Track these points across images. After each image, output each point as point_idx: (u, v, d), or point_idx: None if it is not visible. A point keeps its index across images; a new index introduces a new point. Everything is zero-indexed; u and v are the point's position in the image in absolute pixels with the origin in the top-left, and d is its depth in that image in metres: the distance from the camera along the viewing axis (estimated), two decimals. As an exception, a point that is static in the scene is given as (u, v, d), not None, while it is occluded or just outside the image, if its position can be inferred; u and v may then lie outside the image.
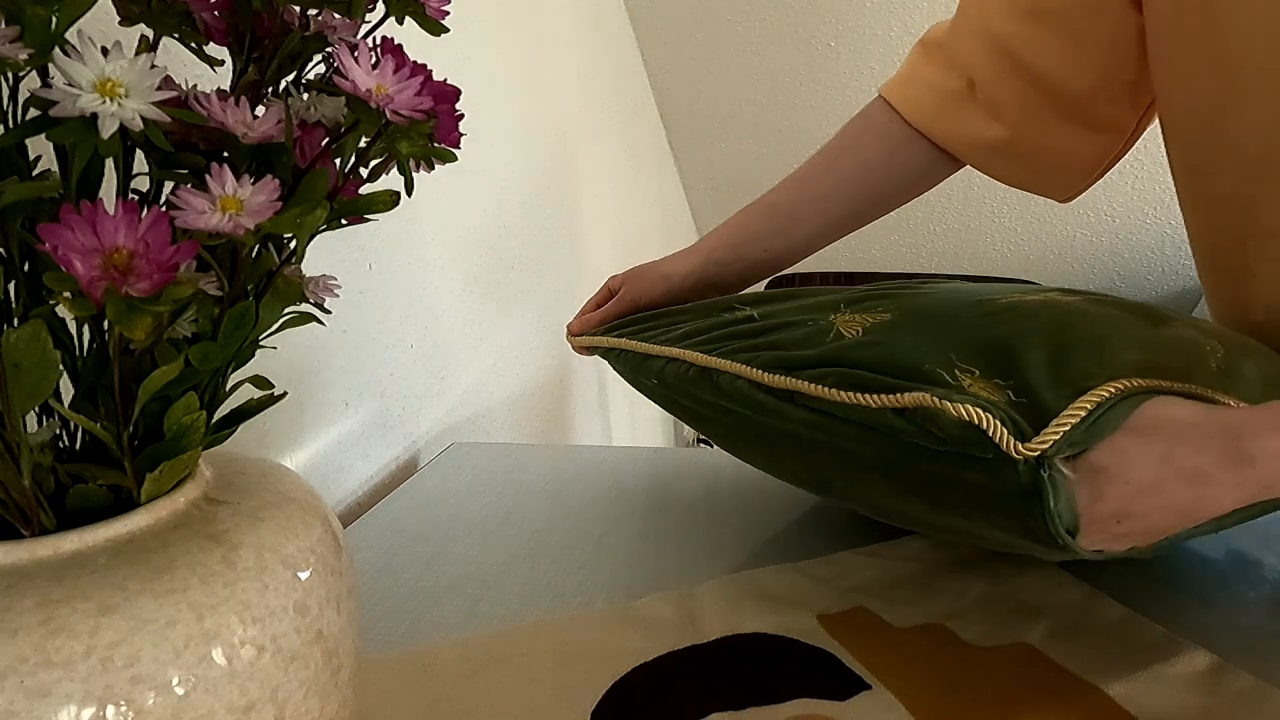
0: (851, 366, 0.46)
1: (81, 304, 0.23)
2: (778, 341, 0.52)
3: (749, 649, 0.49)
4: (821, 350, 0.49)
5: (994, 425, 0.39)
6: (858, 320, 0.50)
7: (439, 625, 0.55)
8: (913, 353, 0.45)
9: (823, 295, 0.58)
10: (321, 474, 0.74)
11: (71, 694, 0.24)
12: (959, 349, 0.45)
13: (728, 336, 0.56)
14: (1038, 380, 0.41)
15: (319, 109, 0.31)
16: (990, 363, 0.43)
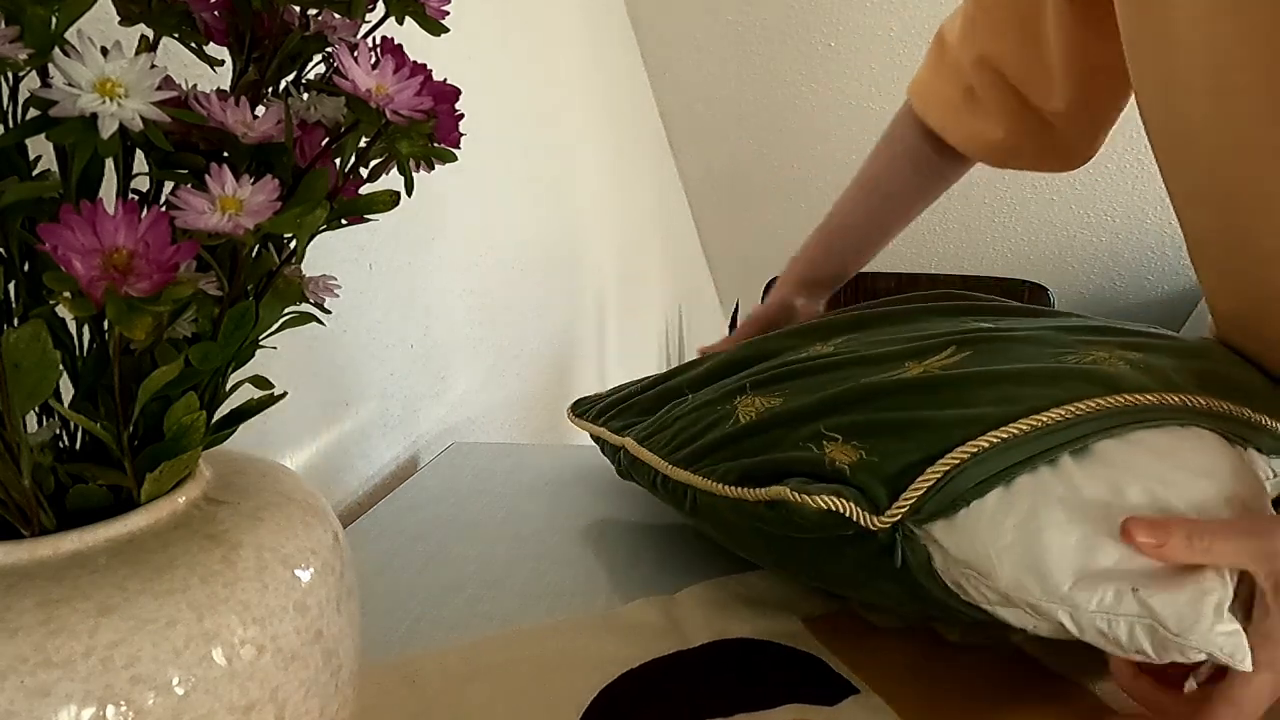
0: (736, 454, 0.51)
1: (81, 304, 0.23)
2: (690, 431, 0.57)
3: (735, 654, 0.49)
4: (717, 436, 0.53)
5: (848, 507, 0.42)
6: (755, 405, 0.54)
7: (439, 625, 0.55)
8: (787, 433, 0.49)
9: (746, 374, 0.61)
10: (321, 474, 0.74)
11: (71, 694, 0.24)
12: (830, 420, 0.48)
13: (660, 423, 0.61)
14: (890, 447, 0.44)
15: (319, 109, 0.31)
16: (852, 428, 0.47)
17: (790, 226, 2.39)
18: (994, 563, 0.40)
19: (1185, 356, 0.51)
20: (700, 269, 2.72)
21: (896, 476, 0.43)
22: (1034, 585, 0.39)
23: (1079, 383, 0.46)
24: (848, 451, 0.45)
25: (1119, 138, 2.07)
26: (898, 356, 0.54)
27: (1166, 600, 0.36)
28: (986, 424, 0.43)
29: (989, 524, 0.41)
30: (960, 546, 0.41)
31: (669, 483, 0.55)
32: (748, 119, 2.10)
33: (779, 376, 0.57)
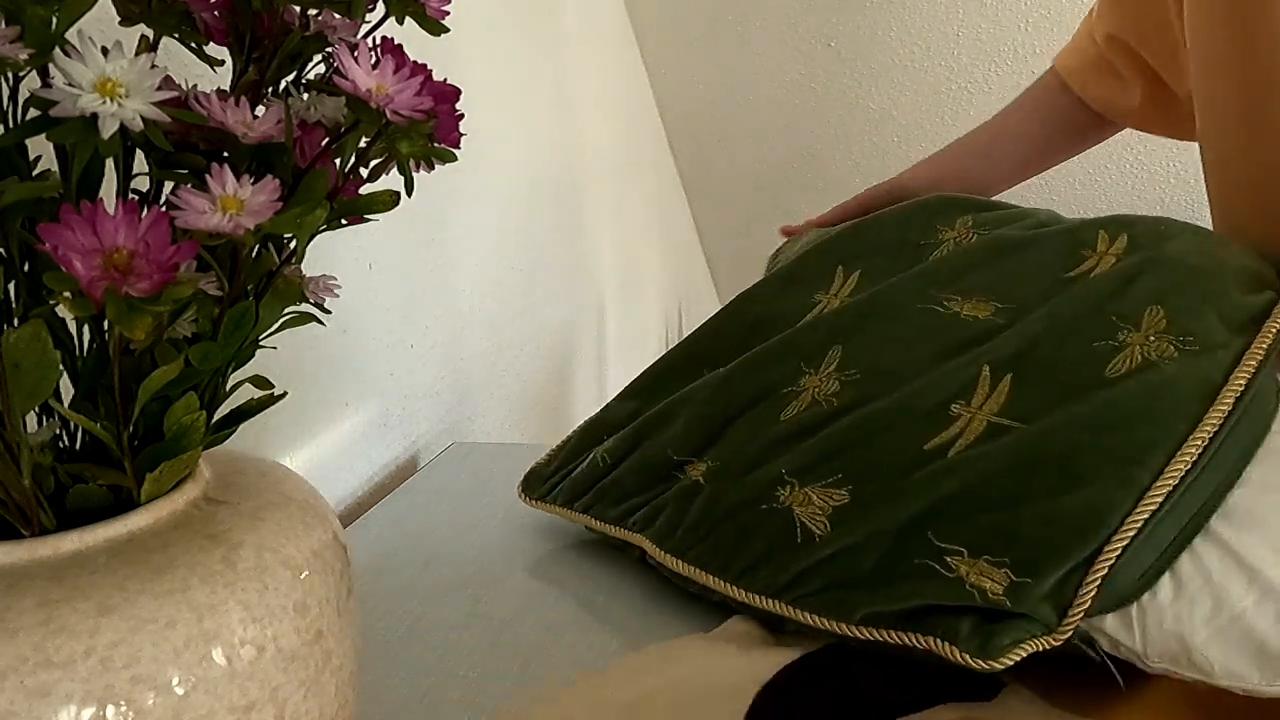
0: (838, 580, 0.45)
1: (81, 304, 0.23)
2: (745, 545, 0.50)
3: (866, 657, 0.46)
4: (792, 557, 0.47)
5: (1033, 644, 0.39)
6: (815, 503, 0.48)
7: (439, 625, 0.55)
8: (893, 550, 0.44)
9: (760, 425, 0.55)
10: (321, 474, 0.74)
11: (71, 694, 0.24)
12: (934, 526, 0.44)
13: (691, 528, 0.53)
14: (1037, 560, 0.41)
15: (319, 109, 0.31)
16: (976, 540, 0.43)
17: (790, 226, 2.38)
18: (1199, 662, 0.38)
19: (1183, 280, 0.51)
20: (700, 269, 2.72)
21: (1058, 589, 0.40)
22: (1252, 675, 0.38)
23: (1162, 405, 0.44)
24: (990, 574, 0.41)
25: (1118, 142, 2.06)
26: (934, 400, 0.49)
27: None
28: (1120, 506, 0.41)
29: (1175, 624, 0.39)
30: (1148, 644, 0.40)
31: (748, 607, 0.49)
32: (748, 119, 2.10)
33: (816, 456, 0.50)
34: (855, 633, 0.44)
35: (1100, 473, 0.42)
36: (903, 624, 0.42)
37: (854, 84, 1.98)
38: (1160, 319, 0.48)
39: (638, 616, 0.55)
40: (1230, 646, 0.38)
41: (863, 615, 0.44)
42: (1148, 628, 0.40)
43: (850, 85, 1.98)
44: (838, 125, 2.09)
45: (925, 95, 1.98)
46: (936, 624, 0.41)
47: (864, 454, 0.49)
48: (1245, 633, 0.38)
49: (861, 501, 0.47)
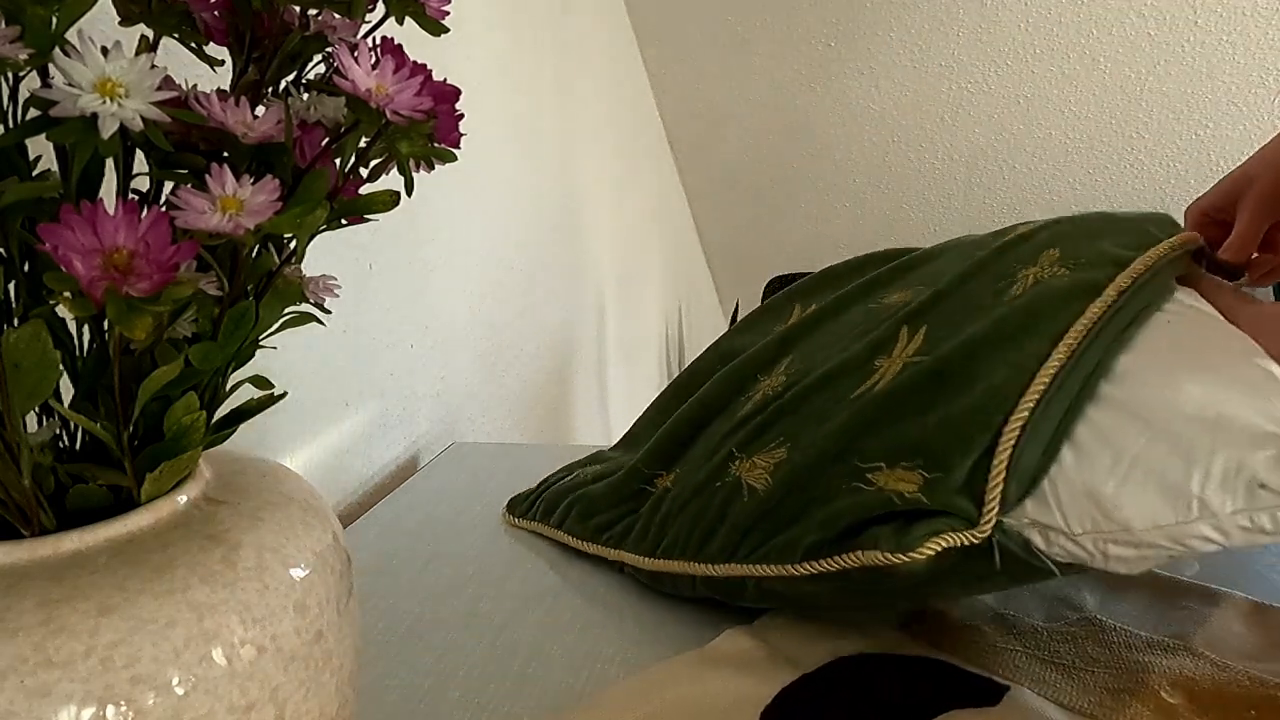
0: (778, 527, 0.48)
1: (81, 304, 0.23)
2: (704, 521, 0.52)
3: (864, 672, 0.47)
4: (742, 515, 0.50)
5: (954, 538, 0.41)
6: (759, 465, 0.51)
7: (439, 625, 0.55)
8: (825, 485, 0.46)
9: (718, 428, 0.58)
10: (321, 474, 0.74)
11: (71, 694, 0.24)
12: (858, 453, 0.46)
13: (659, 526, 0.56)
14: (944, 456, 0.42)
15: (319, 109, 0.31)
16: (892, 451, 0.45)
17: (790, 226, 2.39)
18: (1114, 513, 0.39)
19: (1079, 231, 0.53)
20: (700, 269, 2.72)
21: (969, 480, 0.42)
22: (1166, 514, 0.39)
23: (1049, 309, 0.46)
24: (905, 477, 0.43)
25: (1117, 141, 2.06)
26: (860, 359, 0.53)
27: None
28: (1012, 393, 0.43)
29: (1083, 482, 0.40)
30: (1066, 514, 0.41)
31: (717, 581, 0.51)
32: (748, 119, 2.10)
33: (760, 428, 0.54)
34: (802, 569, 0.45)
35: (994, 371, 0.45)
36: (837, 548, 0.44)
37: (854, 84, 1.98)
38: (1055, 255, 0.51)
39: (638, 616, 0.55)
40: (1136, 489, 0.39)
41: (804, 550, 0.45)
42: (1061, 499, 0.41)
43: (850, 85, 1.98)
44: (838, 125, 2.10)
45: (925, 95, 1.98)
46: (864, 539, 0.43)
47: (800, 414, 0.52)
48: (1146, 472, 0.39)
49: (796, 451, 0.50)
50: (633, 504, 0.60)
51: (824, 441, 0.48)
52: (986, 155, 2.11)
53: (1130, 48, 1.77)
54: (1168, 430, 0.40)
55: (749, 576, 0.48)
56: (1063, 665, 0.46)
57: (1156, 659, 0.47)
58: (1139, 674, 0.45)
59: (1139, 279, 0.47)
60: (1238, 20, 1.70)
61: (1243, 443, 0.39)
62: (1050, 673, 0.46)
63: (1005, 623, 0.51)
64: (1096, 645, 0.48)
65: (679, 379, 0.73)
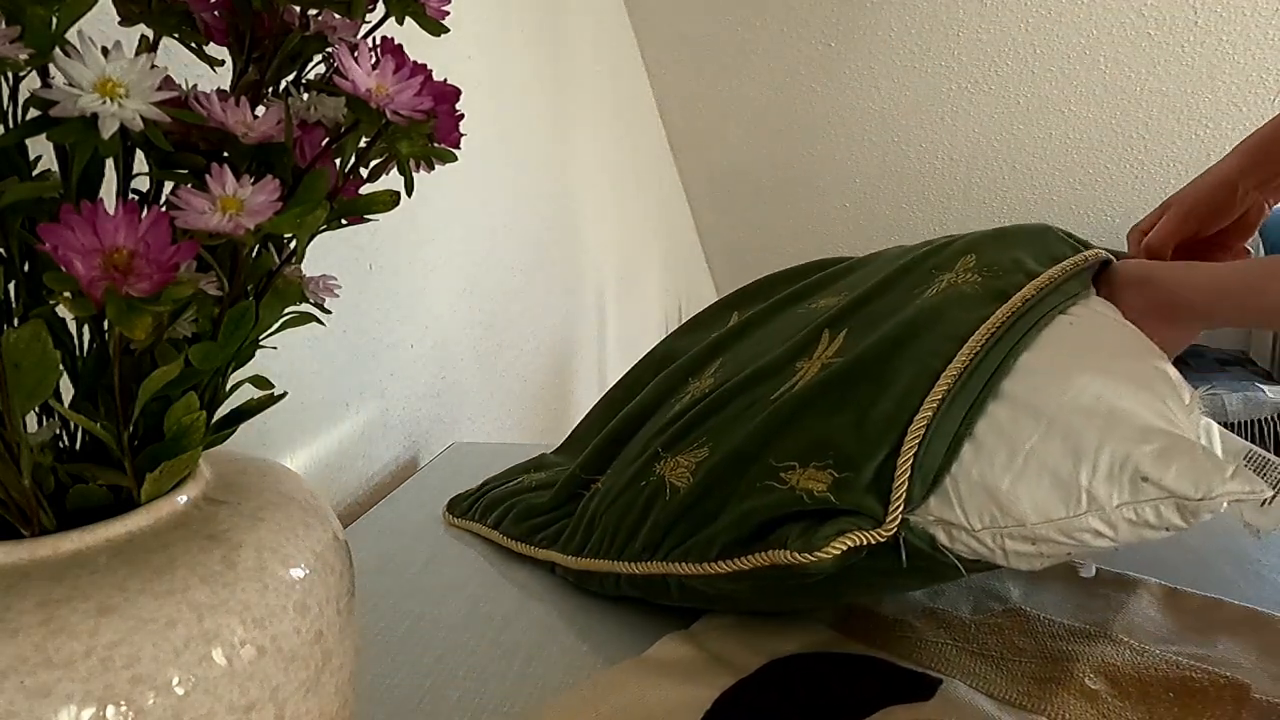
0: (697, 525, 0.48)
1: (81, 304, 0.23)
2: (629, 519, 0.53)
3: (800, 673, 0.47)
4: (664, 514, 0.50)
5: (860, 537, 0.41)
6: (682, 465, 0.51)
7: (439, 625, 0.55)
8: (742, 484, 0.47)
9: (647, 430, 0.60)
10: (321, 474, 0.74)
11: (71, 694, 0.24)
12: (773, 452, 0.47)
13: (587, 525, 0.56)
14: (853, 456, 0.43)
15: (319, 109, 0.31)
16: (805, 451, 0.45)
17: (789, 226, 2.39)
18: (1010, 507, 0.40)
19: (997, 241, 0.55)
20: (700, 268, 2.72)
21: (876, 480, 0.42)
22: (1058, 507, 0.40)
23: (958, 313, 0.48)
24: (816, 476, 0.44)
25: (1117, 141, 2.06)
26: (782, 362, 0.54)
27: (1175, 475, 0.38)
28: (918, 392, 0.44)
29: (980, 478, 0.41)
30: (966, 510, 0.41)
31: (639, 579, 0.51)
32: (747, 119, 2.10)
33: (685, 429, 0.54)
34: (716, 568, 0.45)
35: (902, 372, 0.46)
36: (749, 547, 0.44)
37: (854, 84, 1.98)
38: (971, 261, 0.53)
39: (638, 616, 0.55)
40: (1031, 483, 0.40)
41: (719, 549, 0.45)
42: (961, 494, 0.42)
43: (850, 85, 1.98)
44: (838, 125, 2.10)
45: (925, 95, 1.98)
46: (774, 538, 0.43)
47: (723, 415, 0.53)
48: (1040, 466, 0.40)
49: (718, 450, 0.50)
50: (569, 508, 0.61)
51: (742, 441, 0.49)
52: (986, 155, 2.11)
53: (1130, 48, 1.77)
54: (1061, 424, 0.41)
55: (670, 575, 0.49)
56: (991, 657, 0.47)
57: (1079, 647, 0.48)
58: (1063, 663, 0.46)
59: (1045, 288, 0.49)
60: (1238, 20, 1.70)
61: (1130, 437, 0.40)
62: (980, 665, 0.47)
63: (935, 617, 0.51)
64: (1022, 636, 0.49)
65: (616, 386, 0.75)
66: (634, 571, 0.51)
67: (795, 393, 0.49)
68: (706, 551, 0.46)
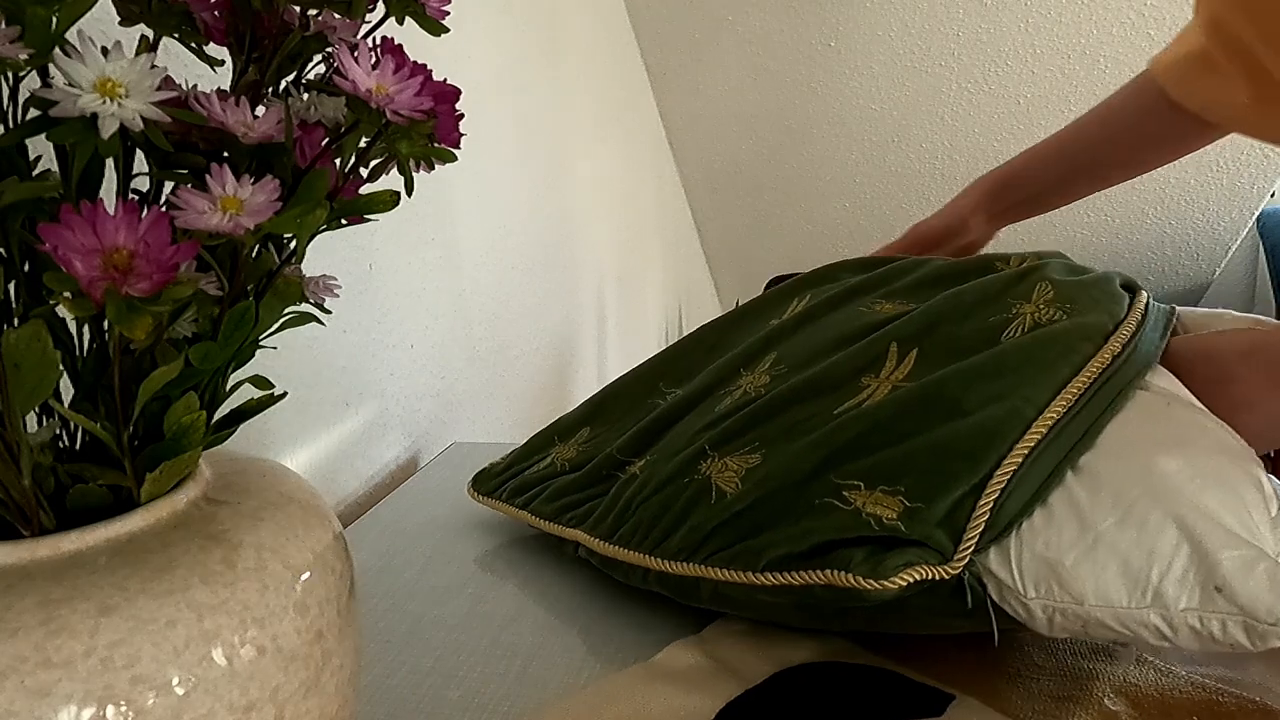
0: (743, 533, 0.47)
1: (81, 304, 0.23)
2: (667, 516, 0.51)
3: (809, 682, 0.46)
4: (708, 517, 0.49)
5: (928, 571, 0.40)
6: (731, 468, 0.50)
7: (439, 625, 0.55)
8: (797, 495, 0.46)
9: (693, 422, 0.58)
10: (321, 474, 0.74)
11: (71, 694, 0.24)
12: (835, 468, 0.46)
13: (620, 512, 0.55)
14: (929, 486, 0.42)
15: (319, 109, 0.31)
16: (872, 472, 0.44)
17: (789, 226, 2.39)
18: (1069, 584, 0.39)
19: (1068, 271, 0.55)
20: (700, 268, 2.72)
21: (950, 516, 0.41)
22: (1121, 596, 0.39)
23: (1050, 358, 0.47)
24: (885, 502, 0.42)
25: (1119, 138, 2.05)
26: (846, 374, 0.53)
27: (1251, 593, 0.37)
28: (1008, 435, 0.43)
29: (1045, 548, 0.40)
30: (1023, 574, 0.41)
31: (670, 579, 0.50)
32: (747, 119, 2.10)
33: (736, 429, 0.53)
34: (763, 579, 0.44)
35: (988, 408, 0.45)
36: (804, 563, 0.43)
37: (854, 84, 1.98)
38: (1049, 291, 0.52)
39: (638, 616, 0.55)
40: (1096, 566, 0.39)
41: (768, 560, 0.44)
42: (1023, 558, 0.41)
43: (850, 85, 1.98)
44: (838, 125, 2.10)
45: (925, 95, 1.98)
46: (834, 558, 0.42)
47: (779, 421, 0.52)
48: (1109, 551, 0.39)
49: (772, 459, 0.49)
50: (602, 487, 0.60)
51: (803, 453, 0.48)
52: (986, 155, 2.11)
53: (1130, 48, 1.77)
54: (1139, 514, 0.40)
55: (706, 578, 0.48)
56: (1009, 673, 0.46)
57: (1101, 666, 0.47)
58: (1083, 681, 0.45)
59: (1130, 340, 0.48)
60: (1238, 20, 1.70)
61: (1211, 543, 0.38)
62: (997, 681, 0.46)
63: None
64: (1043, 652, 0.48)
65: (655, 361, 0.71)
66: (667, 570, 0.50)
67: (864, 411, 0.48)
68: (754, 562, 0.45)
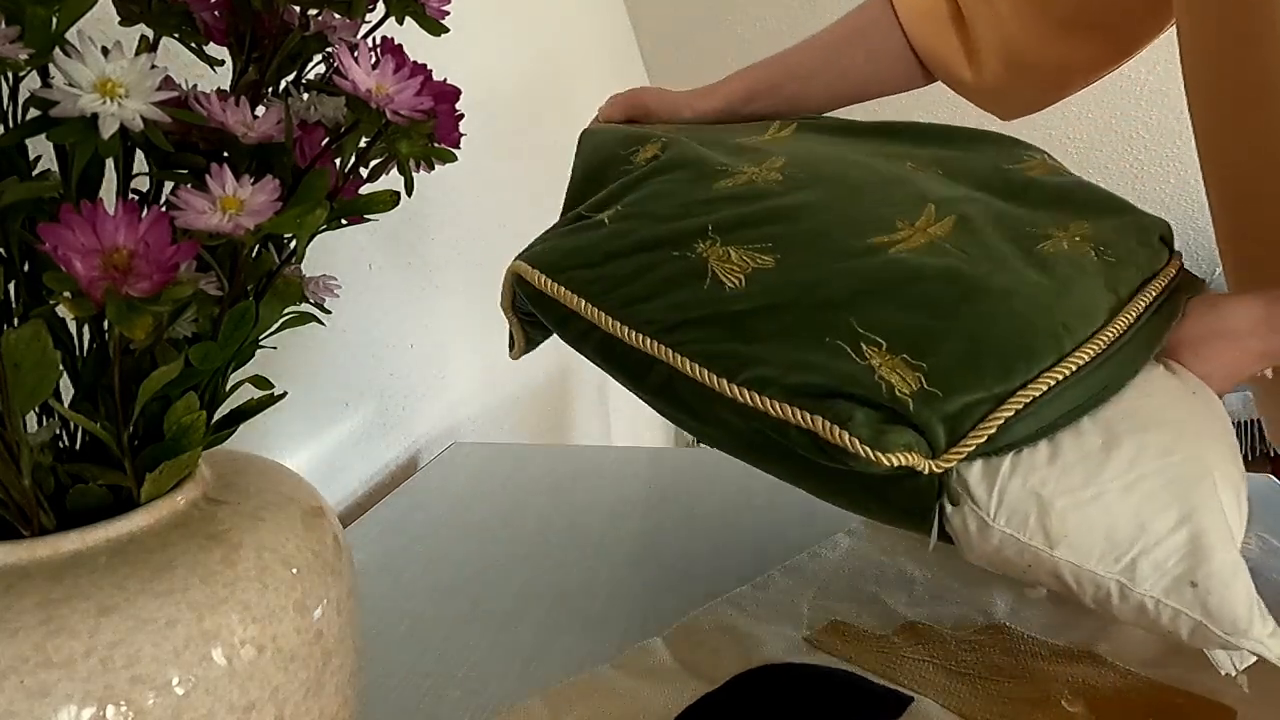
0: (738, 336, 0.43)
1: (81, 304, 0.23)
2: (645, 280, 0.46)
3: (769, 684, 0.47)
4: (698, 304, 0.44)
5: (918, 461, 0.38)
6: (734, 260, 0.45)
7: (439, 625, 0.55)
8: (809, 322, 0.42)
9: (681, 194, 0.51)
10: (321, 474, 0.74)
11: (71, 694, 0.24)
12: (859, 311, 0.42)
13: (571, 251, 0.49)
14: (953, 377, 0.40)
15: (319, 109, 0.31)
16: (898, 335, 0.41)
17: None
18: (1049, 526, 0.38)
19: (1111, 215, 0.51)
20: (700, 269, 2.73)
21: (958, 416, 0.39)
22: (1093, 558, 0.38)
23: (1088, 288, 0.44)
24: (903, 373, 0.39)
25: (1117, 141, 2.06)
26: (877, 207, 0.48)
27: (1222, 603, 0.37)
28: (1039, 359, 0.40)
29: (1040, 486, 0.39)
30: (1002, 502, 0.39)
31: (618, 346, 0.45)
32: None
33: (746, 219, 0.47)
34: (734, 393, 0.41)
35: (1032, 321, 0.42)
36: (789, 397, 0.40)
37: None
38: (1085, 227, 0.49)
39: (637, 616, 0.55)
40: (1085, 520, 0.38)
41: (750, 376, 0.41)
42: (1010, 486, 0.39)
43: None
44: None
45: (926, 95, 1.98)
46: (829, 406, 0.39)
47: (800, 228, 0.46)
48: (1104, 510, 0.38)
49: (787, 269, 0.44)
50: (561, 228, 0.54)
51: (824, 278, 0.43)
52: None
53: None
54: (1145, 487, 0.39)
55: (665, 363, 0.43)
56: (968, 675, 0.47)
57: (1060, 667, 0.47)
58: (1042, 683, 0.46)
59: (1169, 286, 0.47)
60: (1238, 20, 1.69)
61: (1212, 541, 0.38)
62: (955, 683, 0.46)
63: (914, 631, 0.51)
64: (1002, 654, 0.48)
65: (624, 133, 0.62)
66: (621, 336, 0.45)
67: (902, 258, 0.44)
68: (734, 371, 0.41)
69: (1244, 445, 1.94)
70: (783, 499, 0.71)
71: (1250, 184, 0.54)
